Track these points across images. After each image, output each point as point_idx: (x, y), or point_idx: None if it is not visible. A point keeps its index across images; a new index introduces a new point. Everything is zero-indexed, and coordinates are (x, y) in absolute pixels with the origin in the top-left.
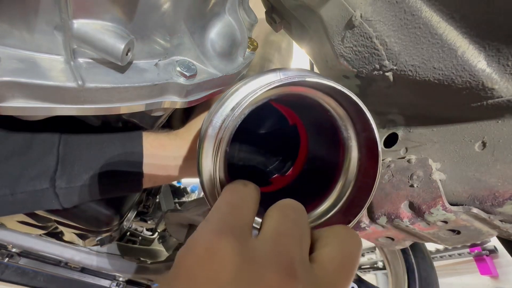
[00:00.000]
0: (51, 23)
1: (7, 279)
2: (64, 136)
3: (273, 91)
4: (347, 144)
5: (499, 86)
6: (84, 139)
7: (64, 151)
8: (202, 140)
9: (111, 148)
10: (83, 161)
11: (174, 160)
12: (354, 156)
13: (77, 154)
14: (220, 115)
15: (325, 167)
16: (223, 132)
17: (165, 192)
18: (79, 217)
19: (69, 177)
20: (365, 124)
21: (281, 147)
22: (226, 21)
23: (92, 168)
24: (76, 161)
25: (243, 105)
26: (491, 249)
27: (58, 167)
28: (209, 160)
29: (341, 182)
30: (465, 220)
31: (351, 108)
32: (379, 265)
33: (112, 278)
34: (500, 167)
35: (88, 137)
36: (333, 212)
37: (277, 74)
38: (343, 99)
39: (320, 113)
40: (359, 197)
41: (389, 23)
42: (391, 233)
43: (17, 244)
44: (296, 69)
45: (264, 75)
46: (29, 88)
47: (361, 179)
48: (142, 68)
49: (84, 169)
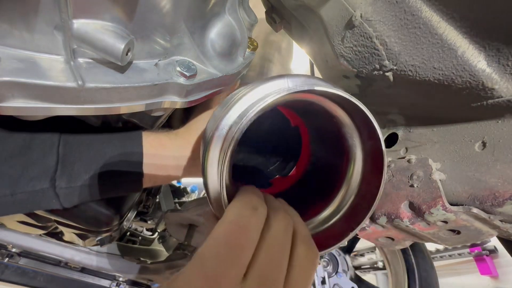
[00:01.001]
0: (51, 23)
1: (7, 279)
2: (64, 136)
3: (280, 98)
4: (351, 152)
5: (499, 86)
6: (84, 139)
7: (64, 151)
8: (208, 146)
9: (111, 148)
10: (83, 161)
11: (175, 160)
12: (358, 165)
13: (77, 154)
14: (227, 122)
15: (328, 173)
16: (230, 141)
17: (165, 192)
18: (79, 217)
19: (69, 177)
20: (371, 133)
21: (282, 148)
22: (226, 21)
23: (92, 168)
24: (76, 161)
25: (251, 114)
26: (491, 249)
27: (58, 167)
28: (215, 167)
29: (344, 189)
30: (465, 220)
31: (357, 117)
32: (379, 265)
33: (112, 278)
34: (500, 167)
35: (88, 137)
36: (335, 219)
37: (285, 81)
38: (350, 107)
39: (325, 119)
40: (362, 205)
41: (389, 23)
42: (391, 233)
43: (17, 244)
44: (304, 76)
45: (272, 81)
46: (29, 88)
47: (365, 187)
48: (142, 68)
49: (84, 169)
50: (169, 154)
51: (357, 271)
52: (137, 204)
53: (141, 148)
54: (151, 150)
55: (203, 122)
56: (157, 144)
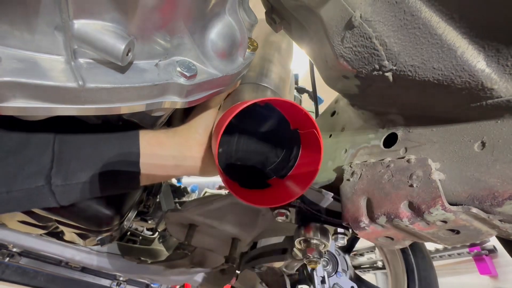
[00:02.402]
0: (52, 23)
1: (7, 278)
2: (60, 135)
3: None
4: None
5: (499, 86)
6: (81, 138)
7: (59, 149)
8: None
9: (108, 147)
10: (79, 160)
11: (173, 158)
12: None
13: (73, 152)
14: None
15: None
16: None
17: (165, 192)
18: (79, 217)
19: (65, 175)
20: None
21: (281, 149)
22: (226, 21)
23: (89, 167)
24: (72, 159)
25: None
26: (490, 249)
27: (53, 164)
28: None
29: None
30: (465, 220)
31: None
32: (378, 264)
33: (112, 277)
34: (500, 167)
35: (85, 136)
36: None
37: None
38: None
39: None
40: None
41: (389, 23)
42: (390, 232)
43: (18, 244)
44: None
45: None
46: (30, 88)
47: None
48: (143, 68)
49: (80, 167)
50: (167, 153)
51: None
52: (137, 203)
53: (138, 146)
54: (149, 148)
55: (203, 121)
56: (155, 143)
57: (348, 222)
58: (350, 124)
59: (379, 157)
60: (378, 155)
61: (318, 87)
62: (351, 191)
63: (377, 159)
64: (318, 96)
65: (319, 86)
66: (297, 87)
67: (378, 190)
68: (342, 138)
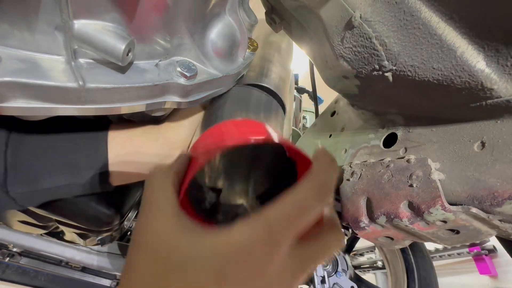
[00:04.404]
0: (52, 23)
1: (8, 278)
2: (14, 139)
3: None
4: None
5: (498, 86)
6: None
7: (14, 155)
8: None
9: (72, 150)
10: (40, 166)
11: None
12: None
13: (32, 158)
14: None
15: None
16: None
17: None
18: (79, 217)
19: (25, 183)
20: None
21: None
22: (226, 21)
23: (52, 172)
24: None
25: None
26: (490, 249)
27: (7, 172)
28: None
29: None
30: (464, 220)
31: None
32: (378, 264)
33: (113, 277)
34: (499, 167)
35: (45, 138)
36: None
37: None
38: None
39: None
40: None
41: (389, 23)
42: (390, 232)
43: (18, 243)
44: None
45: None
46: (30, 88)
47: None
48: (143, 68)
49: (42, 174)
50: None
51: (357, 270)
52: (137, 203)
53: (106, 149)
54: (120, 150)
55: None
56: (129, 146)
57: (348, 222)
58: (350, 124)
59: (379, 157)
60: (378, 155)
61: (318, 87)
62: (351, 191)
63: (377, 159)
64: (318, 96)
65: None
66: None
67: (378, 190)
68: (342, 138)
